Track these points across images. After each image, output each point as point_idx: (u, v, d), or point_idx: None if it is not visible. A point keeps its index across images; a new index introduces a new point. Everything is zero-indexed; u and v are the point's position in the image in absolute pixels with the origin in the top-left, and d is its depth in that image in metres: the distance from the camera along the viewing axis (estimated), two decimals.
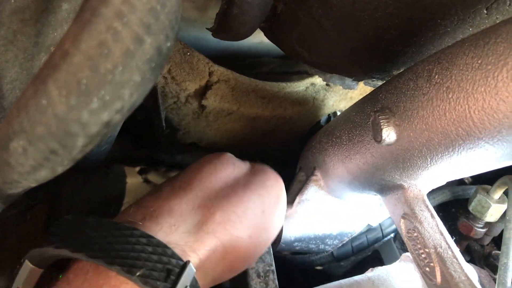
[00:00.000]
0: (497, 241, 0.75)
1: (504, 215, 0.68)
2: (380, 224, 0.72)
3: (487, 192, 0.66)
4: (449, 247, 0.44)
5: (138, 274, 0.36)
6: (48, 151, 0.28)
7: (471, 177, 0.83)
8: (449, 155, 0.42)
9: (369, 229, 0.73)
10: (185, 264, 0.40)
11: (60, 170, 0.31)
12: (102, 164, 0.70)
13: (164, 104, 0.61)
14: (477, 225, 0.69)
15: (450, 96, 0.38)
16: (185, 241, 0.43)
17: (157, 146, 0.78)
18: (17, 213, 0.55)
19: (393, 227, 0.72)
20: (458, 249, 0.44)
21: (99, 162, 0.57)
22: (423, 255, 0.46)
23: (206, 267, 0.44)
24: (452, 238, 0.76)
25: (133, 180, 1.33)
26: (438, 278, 0.43)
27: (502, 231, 0.74)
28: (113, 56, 0.27)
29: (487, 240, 0.74)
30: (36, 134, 0.27)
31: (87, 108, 0.27)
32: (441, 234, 0.45)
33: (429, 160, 0.44)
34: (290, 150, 0.77)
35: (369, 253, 0.75)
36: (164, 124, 0.61)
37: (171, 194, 0.48)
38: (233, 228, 0.47)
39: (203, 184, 0.50)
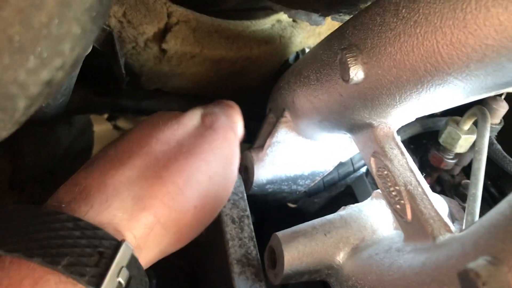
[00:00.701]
0: (467, 171, 0.77)
1: (473, 145, 0.69)
2: (351, 158, 0.72)
3: (457, 123, 0.66)
4: (419, 184, 0.44)
5: (63, 263, 0.33)
6: None
7: None
8: (417, 92, 0.41)
9: (340, 164, 0.73)
10: (118, 244, 0.37)
11: (4, 134, 0.28)
12: (65, 115, 0.68)
13: (122, 50, 0.58)
14: (447, 156, 0.70)
15: (417, 31, 0.37)
16: (119, 219, 0.39)
17: (121, 92, 0.75)
18: None
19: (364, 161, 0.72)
20: (428, 186, 0.44)
21: (59, 115, 0.55)
22: (393, 193, 0.46)
23: (147, 244, 0.41)
24: (423, 171, 0.77)
25: (102, 127, 1.30)
26: (409, 215, 0.43)
27: (471, 161, 0.75)
28: (47, 7, 0.24)
29: (457, 170, 0.75)
30: None
31: (24, 67, 0.25)
32: (411, 171, 0.45)
33: (397, 98, 0.43)
34: (260, 91, 0.75)
35: (342, 189, 0.76)
36: (124, 72, 0.58)
37: (105, 166, 0.43)
38: (172, 202, 0.43)
39: (142, 151, 0.45)
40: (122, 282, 0.36)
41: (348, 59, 0.43)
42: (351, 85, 0.45)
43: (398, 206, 0.45)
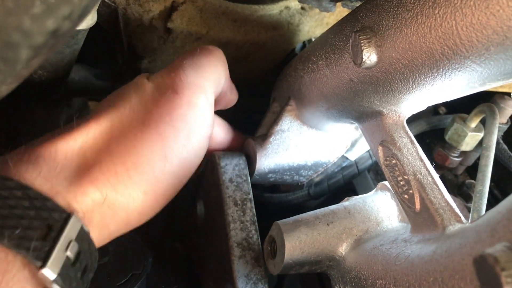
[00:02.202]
0: (470, 171, 0.76)
1: (479, 144, 0.68)
2: (355, 160, 0.71)
3: (464, 120, 0.65)
4: (429, 173, 0.43)
5: (8, 236, 0.31)
6: None
7: (446, 107, 0.82)
8: (432, 77, 0.39)
9: (345, 167, 0.72)
10: (68, 216, 0.35)
11: (4, 89, 0.27)
12: (63, 96, 0.66)
13: (126, 29, 0.56)
14: (452, 154, 0.69)
15: (436, 11, 0.36)
16: (68, 190, 0.36)
17: (121, 77, 0.73)
18: None
19: (369, 162, 0.71)
20: (438, 176, 0.43)
21: (58, 91, 0.53)
22: (401, 182, 0.44)
23: (93, 223, 0.38)
24: None
25: None
26: (417, 205, 0.42)
27: (475, 161, 0.74)
28: None
29: (461, 170, 0.74)
30: None
31: (29, 13, 0.23)
32: (421, 160, 0.44)
33: (411, 83, 0.41)
34: (263, 81, 0.74)
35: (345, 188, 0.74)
36: (126, 50, 0.57)
37: (61, 132, 0.39)
38: (119, 184, 0.39)
39: (99, 118, 0.41)
40: (71, 256, 0.34)
41: (362, 41, 0.41)
42: (362, 69, 0.44)
43: (406, 196, 0.44)
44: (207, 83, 0.47)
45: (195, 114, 0.44)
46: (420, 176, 0.43)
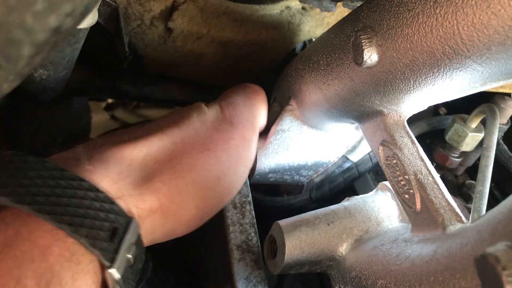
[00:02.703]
0: (470, 172, 0.76)
1: (479, 145, 0.68)
2: (355, 163, 0.71)
3: (464, 121, 0.65)
4: (430, 173, 0.43)
5: (85, 235, 0.34)
6: None
7: (446, 108, 0.82)
8: (433, 77, 0.39)
9: (346, 170, 0.72)
10: (129, 221, 0.37)
11: (5, 87, 0.27)
12: (64, 96, 0.66)
13: (127, 28, 0.56)
14: (452, 154, 0.69)
15: (437, 11, 0.36)
16: (131, 195, 0.39)
17: (122, 77, 0.73)
18: None
19: (369, 165, 0.71)
20: (439, 175, 0.43)
21: (58, 90, 0.53)
22: (402, 182, 0.44)
23: (144, 228, 0.41)
24: None
25: (99, 116, 1.28)
26: (418, 205, 0.42)
27: (475, 162, 0.74)
28: None
29: (461, 171, 0.74)
30: None
31: (31, 10, 0.23)
32: (422, 160, 0.44)
33: (412, 82, 0.41)
34: (264, 81, 0.74)
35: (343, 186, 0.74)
36: (127, 50, 0.57)
37: (125, 139, 0.43)
38: (177, 195, 0.43)
39: (162, 133, 0.44)
40: (131, 258, 0.37)
41: (363, 41, 0.41)
42: (363, 69, 0.44)
43: (406, 196, 0.44)
44: (256, 120, 0.53)
45: (245, 146, 0.50)
46: (420, 176, 0.43)
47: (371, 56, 0.41)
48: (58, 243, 0.33)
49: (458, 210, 0.40)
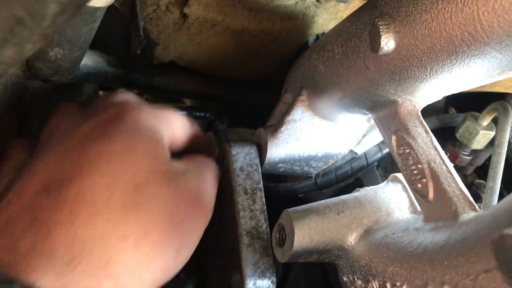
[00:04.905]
0: (479, 172, 0.76)
1: (490, 144, 0.68)
2: (365, 152, 0.71)
3: (476, 119, 0.65)
4: (444, 162, 0.42)
5: None
6: (13, 21, 0.24)
7: (456, 108, 0.82)
8: (451, 64, 0.39)
9: (354, 158, 0.71)
10: None
11: (29, 48, 0.27)
12: (76, 81, 0.66)
13: (142, 13, 0.56)
14: (463, 152, 0.69)
15: None
16: (79, 285, 0.34)
17: (133, 66, 0.73)
18: None
19: (378, 155, 0.70)
20: (452, 165, 0.42)
21: (72, 71, 0.53)
22: (415, 172, 0.44)
23: None
24: None
25: None
26: (431, 194, 0.42)
27: (485, 161, 0.74)
28: None
29: (470, 170, 0.74)
30: None
31: None
32: (436, 149, 0.43)
33: (428, 70, 0.41)
34: (275, 75, 0.74)
35: (351, 180, 0.74)
36: (142, 34, 0.57)
37: (75, 206, 0.37)
38: (138, 272, 0.39)
39: (127, 209, 0.39)
40: None
41: (380, 27, 0.41)
42: (380, 56, 0.43)
43: (419, 185, 0.44)
44: (213, 197, 0.50)
45: (205, 223, 0.48)
46: (434, 165, 0.42)
47: (388, 42, 0.41)
48: None
49: (471, 199, 0.40)
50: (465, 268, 0.32)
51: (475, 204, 0.39)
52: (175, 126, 0.50)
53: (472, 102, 0.78)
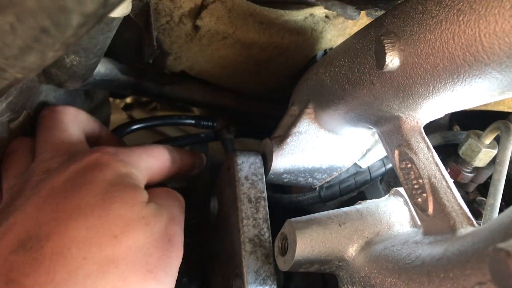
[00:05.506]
0: (481, 189, 0.76)
1: (492, 162, 0.69)
2: (368, 167, 0.72)
3: (479, 137, 0.66)
4: (444, 178, 0.44)
5: None
6: (39, 30, 0.26)
7: (460, 126, 0.83)
8: (453, 83, 0.40)
9: (358, 172, 0.72)
10: None
11: (50, 55, 0.28)
12: (88, 87, 0.68)
13: (155, 24, 0.58)
14: (465, 169, 0.70)
15: (460, 18, 0.37)
16: None
17: (145, 74, 0.75)
18: None
19: (381, 170, 0.71)
20: (452, 181, 0.44)
21: (86, 78, 0.55)
22: (415, 186, 0.45)
23: None
24: None
25: (117, 115, 1.30)
26: (431, 208, 0.43)
27: (487, 179, 0.74)
28: None
29: (472, 187, 0.75)
30: (27, 8, 0.25)
31: None
32: (436, 165, 0.45)
33: (431, 88, 0.42)
34: (282, 88, 0.75)
35: (354, 193, 0.75)
36: (155, 43, 0.58)
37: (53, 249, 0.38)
38: None
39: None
40: None
41: (386, 45, 0.42)
42: (385, 73, 0.45)
43: (419, 200, 0.45)
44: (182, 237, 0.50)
45: (177, 263, 0.47)
46: (434, 180, 0.44)
47: (393, 60, 0.42)
48: None
49: (469, 214, 0.41)
50: (461, 280, 0.33)
51: (473, 219, 0.40)
52: (154, 162, 0.51)
53: (476, 121, 0.79)
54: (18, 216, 0.40)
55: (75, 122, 0.52)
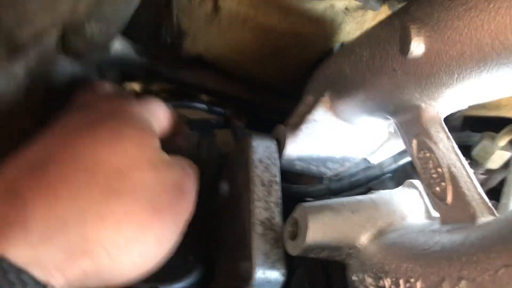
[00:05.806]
0: (492, 193, 0.76)
1: (505, 165, 0.68)
2: (379, 163, 0.71)
3: (493, 138, 0.66)
4: (464, 167, 0.43)
5: None
6: None
7: (473, 131, 0.83)
8: (479, 71, 0.40)
9: (368, 167, 0.72)
10: None
11: (81, 8, 0.28)
12: (102, 64, 0.67)
13: (176, 2, 0.58)
14: (478, 171, 0.69)
15: (491, 6, 0.37)
16: (57, 261, 0.35)
17: (158, 57, 0.75)
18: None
19: (393, 166, 0.71)
20: (473, 171, 0.43)
21: (103, 51, 0.54)
22: (434, 175, 0.45)
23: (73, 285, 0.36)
24: None
25: None
26: (450, 197, 0.42)
27: (498, 184, 0.74)
28: None
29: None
30: None
31: None
32: (456, 154, 0.44)
33: (456, 76, 0.42)
34: (296, 81, 0.75)
35: (363, 190, 0.74)
36: (175, 22, 0.58)
37: (57, 183, 0.37)
38: (116, 255, 0.38)
39: (90, 172, 0.39)
40: None
41: (412, 30, 0.42)
42: (408, 60, 0.44)
43: (437, 189, 0.44)
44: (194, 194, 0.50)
45: (186, 215, 0.47)
46: (454, 169, 0.43)
47: (418, 46, 0.42)
48: None
49: (490, 204, 0.40)
50: (485, 263, 0.32)
51: (493, 209, 0.40)
52: (160, 114, 0.51)
53: (488, 126, 0.78)
54: (37, 141, 0.41)
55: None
